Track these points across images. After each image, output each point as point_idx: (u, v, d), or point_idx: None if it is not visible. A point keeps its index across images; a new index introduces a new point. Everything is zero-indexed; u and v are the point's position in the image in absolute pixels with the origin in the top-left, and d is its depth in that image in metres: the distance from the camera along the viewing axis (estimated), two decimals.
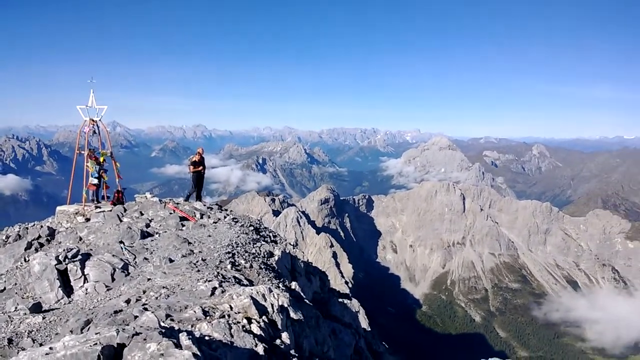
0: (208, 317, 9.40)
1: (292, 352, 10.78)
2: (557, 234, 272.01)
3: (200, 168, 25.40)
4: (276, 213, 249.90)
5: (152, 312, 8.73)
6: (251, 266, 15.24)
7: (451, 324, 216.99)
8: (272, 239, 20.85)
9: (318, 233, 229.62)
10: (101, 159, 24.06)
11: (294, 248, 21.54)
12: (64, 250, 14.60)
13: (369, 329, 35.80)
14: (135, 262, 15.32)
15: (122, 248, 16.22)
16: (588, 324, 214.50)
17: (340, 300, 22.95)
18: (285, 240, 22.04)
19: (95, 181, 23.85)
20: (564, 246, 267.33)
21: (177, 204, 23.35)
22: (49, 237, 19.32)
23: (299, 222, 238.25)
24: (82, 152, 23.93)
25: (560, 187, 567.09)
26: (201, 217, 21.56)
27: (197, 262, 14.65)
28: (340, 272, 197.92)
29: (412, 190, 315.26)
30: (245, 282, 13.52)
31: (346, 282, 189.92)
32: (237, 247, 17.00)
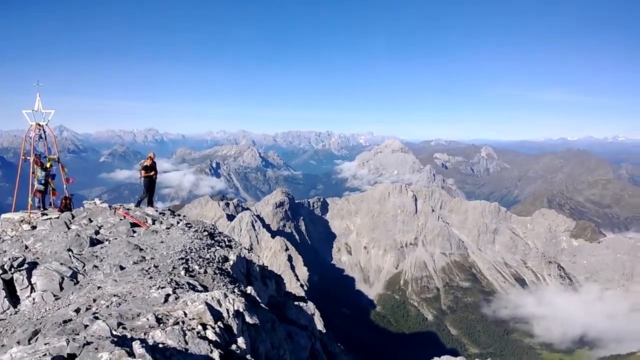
0: (162, 325, 9.27)
1: (248, 356, 10.74)
2: (505, 233, 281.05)
3: (152, 173, 24.90)
4: (230, 217, 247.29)
5: (104, 321, 8.53)
6: (206, 272, 15.07)
7: (404, 323, 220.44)
8: (227, 243, 20.67)
9: (273, 237, 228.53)
10: (48, 165, 23.27)
11: (249, 252, 21.43)
12: (9, 259, 14.06)
13: (325, 331, 35.96)
14: (85, 270, 14.88)
15: (70, 256, 15.72)
16: (536, 320, 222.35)
17: (296, 303, 22.97)
18: (240, 244, 21.89)
19: (42, 187, 23.04)
20: (512, 245, 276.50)
21: (128, 209, 22.80)
22: None
23: (253, 226, 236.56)
24: (28, 157, 23.06)
25: (507, 187, 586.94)
26: (153, 223, 21.14)
27: (149, 268, 14.36)
28: (296, 275, 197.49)
29: (366, 192, 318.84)
30: (199, 288, 13.36)
31: (302, 285, 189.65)
32: (190, 252, 16.77)
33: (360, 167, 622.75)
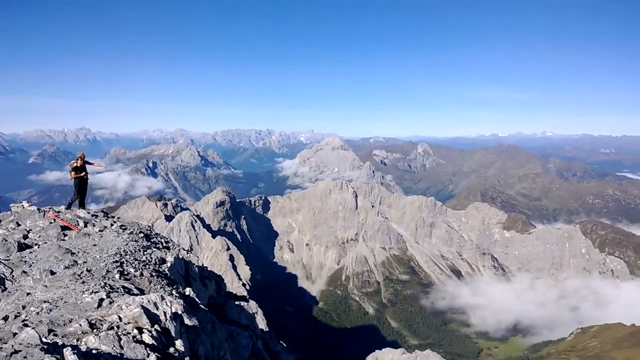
0: (95, 330, 9.06)
1: (187, 359, 10.67)
2: (442, 226, 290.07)
3: (83, 174, 24.00)
4: (169, 218, 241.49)
5: (33, 328, 8.24)
6: (142, 274, 14.76)
7: (346, 318, 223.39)
8: (164, 245, 20.28)
9: (214, 237, 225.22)
10: None
11: (187, 253, 21.10)
12: None
13: (267, 330, 35.95)
14: (13, 276, 14.21)
15: None
16: (472, 310, 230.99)
17: (237, 303, 22.86)
18: (179, 245, 21.53)
19: None
20: (448, 238, 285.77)
21: (58, 212, 21.88)
22: None
23: (193, 227, 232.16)
24: None
25: (443, 182, 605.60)
26: (85, 226, 20.41)
27: (81, 273, 13.91)
28: (238, 275, 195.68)
29: (307, 190, 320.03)
30: (135, 291, 13.09)
31: (244, 285, 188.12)
32: (125, 255, 16.34)
33: (301, 165, 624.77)
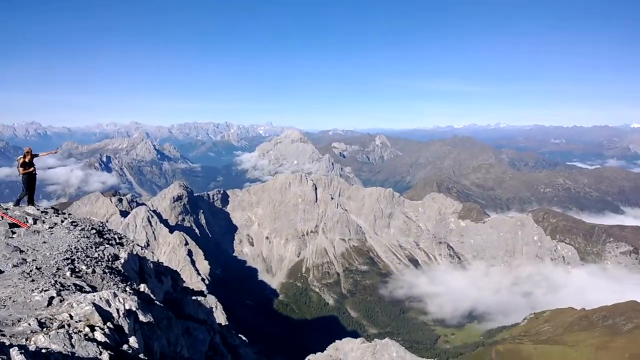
0: (45, 329, 8.93)
1: (142, 355, 10.63)
2: (399, 217, 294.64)
3: (31, 169, 23.27)
4: (124, 214, 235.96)
5: None
6: (94, 271, 14.52)
7: (307, 309, 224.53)
8: (118, 241, 19.93)
9: (171, 232, 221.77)
10: None
11: (142, 249, 20.80)
12: None
13: (227, 324, 35.85)
14: None
15: None
16: (429, 298, 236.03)
17: (194, 298, 22.74)
18: (133, 241, 21.18)
19: None
20: (406, 228, 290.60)
21: (6, 209, 21.18)
22: None
23: (150, 222, 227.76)
24: None
25: (400, 174, 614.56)
26: (34, 223, 19.83)
27: (31, 271, 13.57)
28: (197, 270, 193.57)
29: (267, 183, 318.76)
30: (87, 288, 12.89)
31: (203, 280, 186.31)
32: (77, 252, 16.00)
33: (260, 158, 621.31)
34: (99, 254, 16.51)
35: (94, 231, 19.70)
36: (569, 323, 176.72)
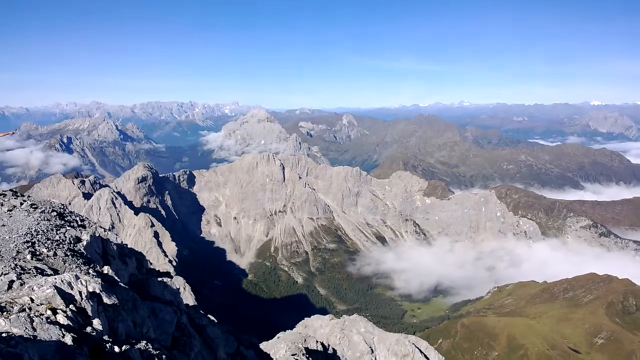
0: (5, 313, 8.82)
1: (106, 337, 10.59)
2: (367, 195, 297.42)
3: None
4: (87, 196, 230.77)
5: None
6: (55, 254, 14.29)
7: (276, 288, 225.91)
8: (80, 223, 19.58)
9: (137, 213, 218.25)
10: None
11: (105, 231, 20.50)
12: None
13: (195, 304, 35.85)
14: None
15: None
16: (396, 274, 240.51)
17: (160, 279, 22.61)
18: (95, 223, 20.84)
19: None
20: (373, 206, 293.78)
21: None
22: None
23: (114, 204, 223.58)
24: None
25: (367, 152, 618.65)
26: None
27: None
28: (163, 251, 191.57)
29: (234, 163, 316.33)
30: (49, 271, 12.71)
31: (170, 261, 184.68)
32: (37, 235, 15.68)
33: (227, 138, 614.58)
34: (60, 237, 16.21)
35: (55, 213, 19.29)
36: (531, 296, 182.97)
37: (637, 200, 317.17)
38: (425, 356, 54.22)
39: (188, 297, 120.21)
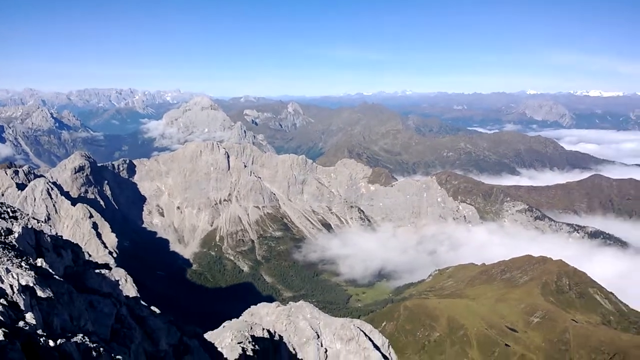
0: None
1: (40, 331, 10.31)
2: (312, 183, 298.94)
3: None
4: (21, 186, 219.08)
5: None
6: None
7: (221, 277, 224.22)
8: (11, 214, 18.76)
9: (74, 204, 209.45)
10: None
11: (39, 223, 19.72)
12: None
13: (137, 296, 35.14)
14: None
15: None
16: (341, 260, 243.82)
17: (97, 271, 22.04)
18: (28, 215, 20.01)
19: None
20: (318, 193, 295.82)
21: None
22: None
23: (50, 194, 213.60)
24: None
25: (313, 140, 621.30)
26: None
27: None
28: (103, 243, 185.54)
29: (177, 151, 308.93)
30: None
31: (110, 253, 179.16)
32: None
33: (168, 126, 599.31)
34: None
35: None
36: (471, 278, 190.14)
37: (570, 185, 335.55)
38: (370, 339, 55.51)
39: (130, 289, 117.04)
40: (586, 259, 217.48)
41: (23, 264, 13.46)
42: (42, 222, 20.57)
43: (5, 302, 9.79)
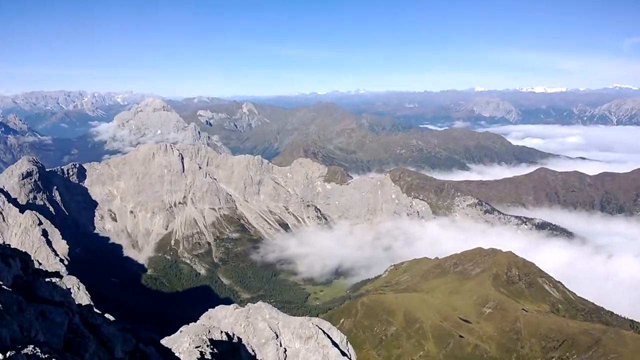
0: None
1: None
2: (269, 183, 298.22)
3: None
4: None
5: None
6: None
7: (178, 282, 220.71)
8: None
9: (22, 211, 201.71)
10: None
11: None
12: None
13: (90, 304, 34.46)
14: None
15: None
16: (299, 259, 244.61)
17: (48, 280, 21.57)
18: None
19: None
20: (275, 193, 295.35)
21: None
22: None
23: None
24: None
25: (268, 140, 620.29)
26: None
27: None
28: (54, 250, 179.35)
29: (129, 154, 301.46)
30: None
31: (61, 260, 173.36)
32: None
33: (120, 128, 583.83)
34: None
35: None
36: (425, 272, 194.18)
37: (518, 179, 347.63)
38: (328, 336, 56.04)
39: (82, 297, 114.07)
40: (534, 249, 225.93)
41: None
42: None
43: None
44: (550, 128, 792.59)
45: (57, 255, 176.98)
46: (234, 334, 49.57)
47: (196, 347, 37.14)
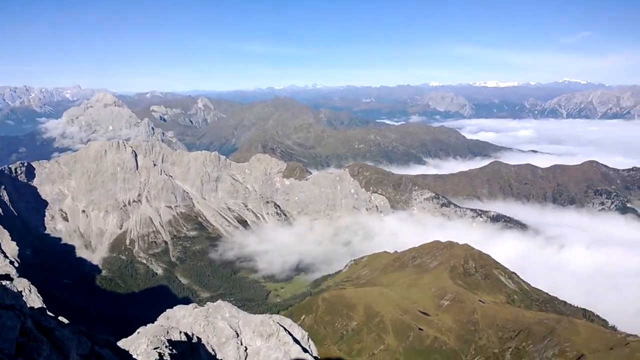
0: None
1: None
2: (227, 179, 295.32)
3: None
4: None
5: None
6: None
7: (134, 282, 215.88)
8: None
9: None
10: None
11: None
12: None
13: (42, 307, 33.25)
14: None
15: None
16: (259, 256, 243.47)
17: None
18: None
19: None
20: (233, 190, 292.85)
21: None
22: None
23: None
24: None
25: (225, 136, 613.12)
26: None
27: None
28: (3, 252, 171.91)
29: (79, 151, 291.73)
30: None
31: (11, 262, 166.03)
32: None
33: (69, 125, 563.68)
34: None
35: None
36: (384, 265, 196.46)
37: (472, 172, 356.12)
38: (290, 333, 55.98)
39: (34, 300, 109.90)
40: (490, 241, 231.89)
41: None
42: None
43: None
44: (503, 122, 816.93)
45: (6, 257, 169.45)
46: (193, 334, 48.87)
47: (154, 349, 36.41)
